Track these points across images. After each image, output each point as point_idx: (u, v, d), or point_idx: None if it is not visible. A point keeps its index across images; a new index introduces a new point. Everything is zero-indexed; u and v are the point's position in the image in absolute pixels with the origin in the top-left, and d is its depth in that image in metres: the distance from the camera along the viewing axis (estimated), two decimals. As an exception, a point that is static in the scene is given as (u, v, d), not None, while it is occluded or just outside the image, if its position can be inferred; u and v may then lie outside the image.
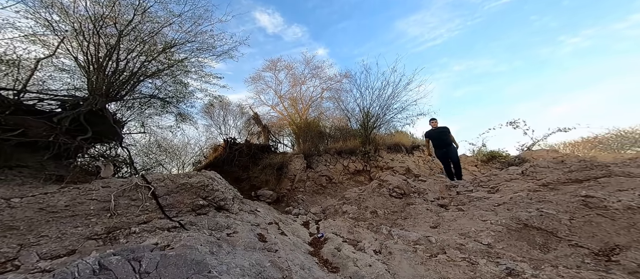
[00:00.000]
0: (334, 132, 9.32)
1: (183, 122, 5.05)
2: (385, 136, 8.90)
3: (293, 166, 7.38)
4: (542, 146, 7.20)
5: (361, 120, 8.00)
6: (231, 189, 3.19)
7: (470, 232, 2.08)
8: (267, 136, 8.51)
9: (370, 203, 3.46)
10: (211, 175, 2.84)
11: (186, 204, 2.32)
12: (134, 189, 2.09)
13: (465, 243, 1.95)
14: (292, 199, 6.46)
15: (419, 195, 3.37)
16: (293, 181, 7.04)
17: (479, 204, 2.61)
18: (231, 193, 2.96)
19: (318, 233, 3.56)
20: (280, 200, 6.49)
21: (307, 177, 7.26)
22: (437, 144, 4.50)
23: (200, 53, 4.61)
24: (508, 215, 2.10)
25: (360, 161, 7.89)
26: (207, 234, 2.21)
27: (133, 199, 2.07)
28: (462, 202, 2.90)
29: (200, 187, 2.45)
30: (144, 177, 2.28)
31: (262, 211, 3.76)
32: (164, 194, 2.24)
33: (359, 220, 3.27)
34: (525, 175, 2.94)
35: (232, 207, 2.75)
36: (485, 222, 2.16)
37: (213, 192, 2.53)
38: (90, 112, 3.14)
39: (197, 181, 2.46)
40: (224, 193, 2.70)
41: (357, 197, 3.80)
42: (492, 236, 1.91)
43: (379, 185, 3.71)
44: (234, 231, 2.56)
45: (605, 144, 6.94)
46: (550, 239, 1.64)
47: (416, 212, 2.92)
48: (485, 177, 3.42)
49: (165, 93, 4.60)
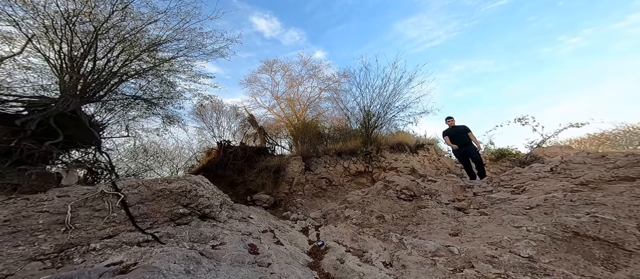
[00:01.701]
0: (333, 133, 8.98)
1: (171, 125, 4.70)
2: (387, 136, 8.55)
3: (291, 168, 7.02)
4: (553, 142, 6.85)
5: (361, 119, 7.66)
6: (219, 194, 2.83)
7: (503, 241, 1.72)
8: (263, 138, 8.17)
9: (376, 207, 3.10)
10: (196, 179, 2.49)
11: (164, 213, 1.97)
12: (98, 198, 1.74)
13: (499, 255, 1.60)
14: (291, 204, 6.08)
15: (431, 197, 3.01)
16: (291, 184, 6.67)
17: (506, 207, 2.26)
18: (219, 199, 2.61)
19: (318, 240, 3.20)
20: (277, 204, 6.11)
21: (306, 180, 6.90)
22: (456, 144, 4.18)
23: (188, 52, 4.29)
24: (548, 221, 1.76)
25: (361, 161, 7.52)
26: (186, 248, 1.85)
27: (97, 210, 1.71)
28: (483, 205, 2.55)
29: (181, 194, 2.10)
30: (114, 183, 1.92)
31: (255, 218, 3.39)
32: (136, 203, 1.89)
33: (364, 226, 2.90)
34: (555, 173, 2.60)
35: (219, 215, 2.39)
36: (519, 229, 1.80)
37: (196, 198, 2.17)
38: (62, 115, 2.79)
39: (178, 186, 2.11)
40: (210, 199, 2.34)
41: (360, 200, 3.44)
42: (533, 246, 1.56)
43: (385, 186, 3.35)
44: (220, 243, 2.19)
45: (613, 140, 6.64)
46: (615, 252, 1.29)
47: (430, 216, 2.56)
48: (507, 176, 3.07)
49: (151, 94, 4.26)
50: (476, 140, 4.21)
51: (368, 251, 2.52)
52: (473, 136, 4.22)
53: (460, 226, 2.21)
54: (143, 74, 3.89)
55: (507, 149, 7.13)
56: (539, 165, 3.01)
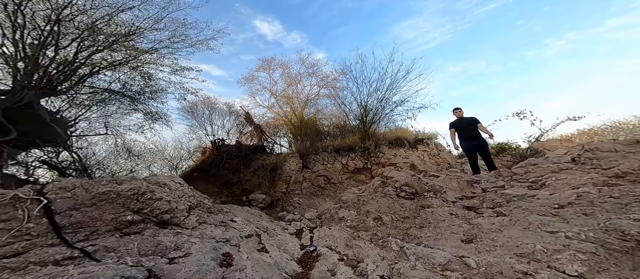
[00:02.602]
0: (332, 130, 8.53)
1: (155, 122, 4.29)
2: (386, 131, 8.08)
3: (288, 166, 6.57)
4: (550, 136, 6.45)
5: (359, 114, 7.20)
6: (194, 196, 2.39)
7: (536, 251, 1.25)
8: (260, 136, 7.74)
9: (373, 207, 2.63)
10: (159, 180, 2.06)
11: (106, 221, 1.54)
12: (9, 205, 1.31)
13: (534, 272, 1.13)
14: (288, 203, 5.64)
15: (435, 194, 2.54)
16: (288, 183, 6.23)
17: (528, 206, 1.79)
18: (188, 202, 2.17)
19: (311, 244, 2.75)
20: (274, 204, 5.67)
21: (304, 178, 6.45)
22: (463, 136, 3.74)
23: (171, 43, 3.87)
24: (592, 224, 1.29)
25: (360, 158, 7.06)
26: (128, 265, 1.41)
27: (5, 220, 1.29)
28: (497, 203, 2.07)
29: (131, 197, 1.67)
30: (41, 184, 1.49)
31: (240, 221, 2.95)
32: (67, 209, 1.46)
33: (359, 229, 2.44)
34: (579, 163, 2.12)
35: (186, 221, 1.96)
36: (555, 235, 1.34)
37: (151, 202, 1.74)
38: (14, 109, 2.36)
39: (128, 188, 1.68)
40: (172, 203, 1.90)
41: (356, 199, 2.98)
42: (582, 260, 1.10)
43: (383, 183, 2.88)
44: (184, 254, 1.75)
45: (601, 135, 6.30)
46: None
47: (436, 218, 2.09)
48: (521, 169, 2.59)
49: (130, 88, 3.84)
50: (487, 130, 3.75)
51: (364, 260, 2.06)
52: (483, 128, 3.76)
53: (474, 231, 1.74)
54: (119, 66, 3.47)
55: (508, 144, 6.70)
56: (556, 155, 2.52)
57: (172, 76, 4.53)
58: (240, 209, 4.25)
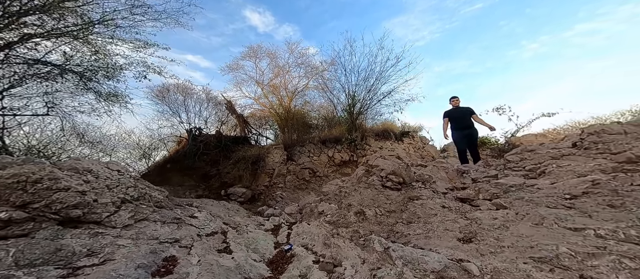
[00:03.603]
0: (321, 122, 8.09)
1: (112, 104, 3.65)
2: (373, 126, 7.79)
3: (271, 158, 6.09)
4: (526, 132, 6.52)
5: (346, 104, 6.82)
6: (133, 187, 1.89)
7: (560, 255, 0.92)
8: (243, 126, 7.17)
9: (355, 199, 2.26)
10: (81, 165, 1.56)
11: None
12: None
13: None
14: (270, 197, 5.19)
15: (424, 185, 2.20)
16: (271, 176, 5.77)
17: (532, 197, 1.47)
18: (118, 194, 1.67)
19: (286, 242, 2.35)
20: (255, 198, 5.20)
21: (288, 170, 6.00)
22: (457, 126, 3.48)
23: (131, 15, 3.24)
24: (628, 218, 0.98)
25: (346, 150, 6.71)
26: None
27: None
28: (494, 194, 1.76)
29: (11, 187, 1.17)
30: None
31: (202, 217, 2.48)
32: None
33: (339, 225, 2.06)
34: (582, 148, 1.85)
35: (112, 219, 1.47)
36: (579, 232, 1.01)
37: (49, 193, 1.24)
38: None
39: (10, 174, 1.17)
40: (90, 195, 1.41)
41: (337, 191, 2.60)
42: (631, 268, 0.77)
43: (367, 172, 2.52)
44: (101, 261, 1.29)
45: (559, 136, 6.46)
46: None
47: (426, 212, 1.74)
48: (516, 156, 2.30)
49: (77, 63, 3.19)
50: (484, 122, 3.45)
51: (342, 263, 1.68)
52: (480, 119, 3.47)
53: (473, 227, 1.41)
54: (62, 36, 2.82)
55: (487, 138, 6.67)
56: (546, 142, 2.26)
57: (135, 53, 3.88)
58: (214, 203, 3.75)
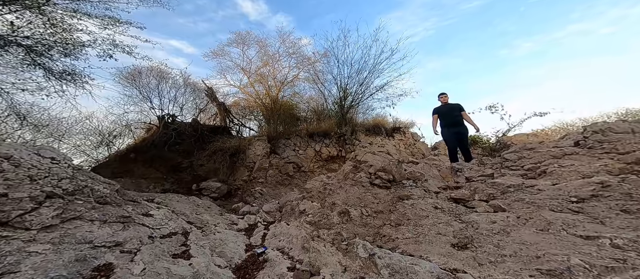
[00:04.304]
0: (310, 115, 7.75)
1: (66, 84, 3.08)
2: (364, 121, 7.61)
3: (253, 151, 5.71)
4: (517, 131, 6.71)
5: (337, 97, 6.56)
6: (70, 178, 1.51)
7: (574, 267, 0.74)
8: (224, 116, 6.68)
9: (340, 197, 2.02)
10: None
11: None
12: None
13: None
14: (248, 193, 4.85)
15: (415, 183, 2.02)
16: (252, 170, 5.41)
17: (532, 199, 1.32)
18: (44, 187, 1.30)
19: (261, 245, 2.08)
20: (232, 194, 4.83)
21: (270, 164, 5.66)
22: (446, 123, 3.39)
23: None
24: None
25: (335, 145, 6.48)
26: None
27: None
28: (491, 195, 1.60)
29: None
30: None
31: (160, 214, 2.13)
32: None
33: (321, 226, 1.82)
34: (585, 147, 1.74)
35: (27, 218, 1.12)
36: (593, 241, 0.85)
37: None
38: None
39: None
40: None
41: (322, 188, 2.35)
42: None
43: (355, 168, 2.29)
44: None
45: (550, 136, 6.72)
46: None
47: (416, 213, 1.55)
48: (513, 155, 2.18)
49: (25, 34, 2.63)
50: (471, 120, 3.39)
51: (320, 271, 1.44)
52: (467, 116, 3.39)
53: (468, 231, 1.23)
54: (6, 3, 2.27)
55: (478, 136, 6.77)
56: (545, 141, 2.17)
57: (102, 30, 3.32)
58: (180, 199, 3.35)
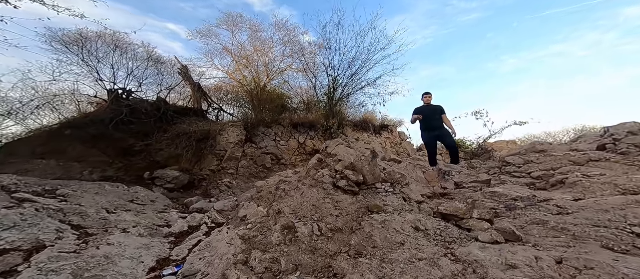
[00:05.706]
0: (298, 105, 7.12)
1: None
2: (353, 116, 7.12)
3: (225, 137, 5.05)
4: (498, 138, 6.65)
5: (327, 87, 5.97)
6: None
7: None
8: (198, 98, 5.95)
9: (292, 202, 1.46)
10: None
11: None
12: None
13: None
14: (214, 185, 4.22)
15: (393, 187, 1.49)
16: (221, 159, 4.78)
17: (564, 224, 0.82)
18: None
19: (179, 262, 1.55)
20: (194, 185, 4.20)
21: (244, 154, 5.03)
22: (426, 126, 3.14)
23: None
24: None
25: (320, 137, 5.93)
26: None
27: None
28: (494, 212, 1.09)
29: None
30: None
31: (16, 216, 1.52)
32: None
33: (255, 246, 1.26)
34: (618, 152, 1.28)
35: None
36: None
37: None
38: None
39: None
40: None
41: (273, 188, 1.78)
42: None
43: (319, 162, 1.73)
44: None
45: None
46: None
47: (388, 237, 1.02)
48: (518, 158, 1.69)
49: None
50: (450, 124, 3.16)
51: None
52: (447, 120, 3.15)
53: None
54: None
55: (461, 140, 6.56)
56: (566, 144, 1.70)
57: None
58: (100, 189, 2.67)
